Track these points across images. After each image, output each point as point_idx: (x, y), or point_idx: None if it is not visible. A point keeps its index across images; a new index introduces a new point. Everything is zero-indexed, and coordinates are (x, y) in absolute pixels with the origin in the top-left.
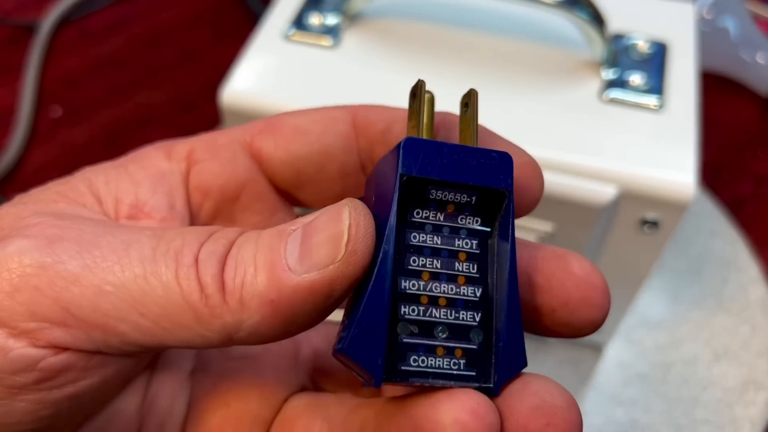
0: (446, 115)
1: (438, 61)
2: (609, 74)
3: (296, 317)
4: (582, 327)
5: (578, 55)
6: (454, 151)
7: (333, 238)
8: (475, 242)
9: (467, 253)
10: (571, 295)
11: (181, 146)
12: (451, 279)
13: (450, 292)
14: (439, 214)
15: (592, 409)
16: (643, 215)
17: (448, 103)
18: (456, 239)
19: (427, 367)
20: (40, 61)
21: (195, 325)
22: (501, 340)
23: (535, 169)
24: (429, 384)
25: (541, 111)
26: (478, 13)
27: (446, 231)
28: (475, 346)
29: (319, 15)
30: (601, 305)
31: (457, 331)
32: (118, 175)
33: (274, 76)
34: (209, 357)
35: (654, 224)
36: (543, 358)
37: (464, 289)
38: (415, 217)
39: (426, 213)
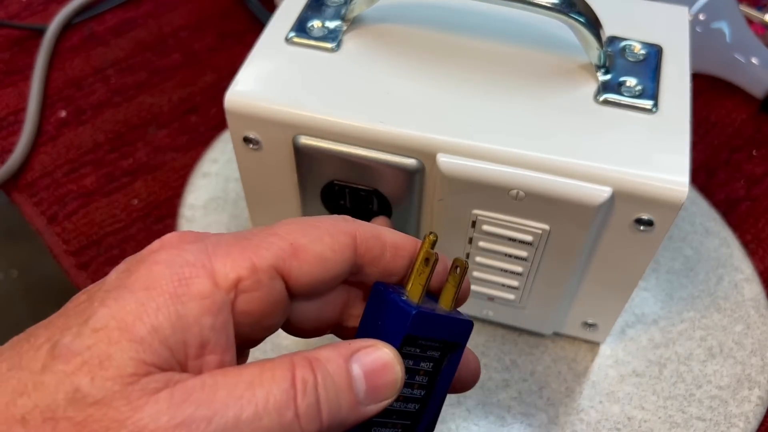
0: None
1: (436, 64)
2: (604, 77)
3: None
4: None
5: (574, 58)
6: (440, 319)
7: (392, 386)
8: (431, 365)
9: (425, 370)
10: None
11: (226, 270)
12: (408, 386)
13: (405, 392)
14: (416, 349)
15: (588, 405)
16: (638, 215)
17: (445, 101)
18: (421, 362)
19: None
20: (47, 63)
21: None
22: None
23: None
24: None
25: (537, 113)
26: (476, 17)
27: (415, 358)
28: (408, 422)
29: (320, 19)
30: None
31: (403, 415)
32: (178, 317)
33: (276, 79)
34: None
35: (648, 224)
36: (540, 355)
37: (415, 392)
38: (406, 349)
39: (410, 349)
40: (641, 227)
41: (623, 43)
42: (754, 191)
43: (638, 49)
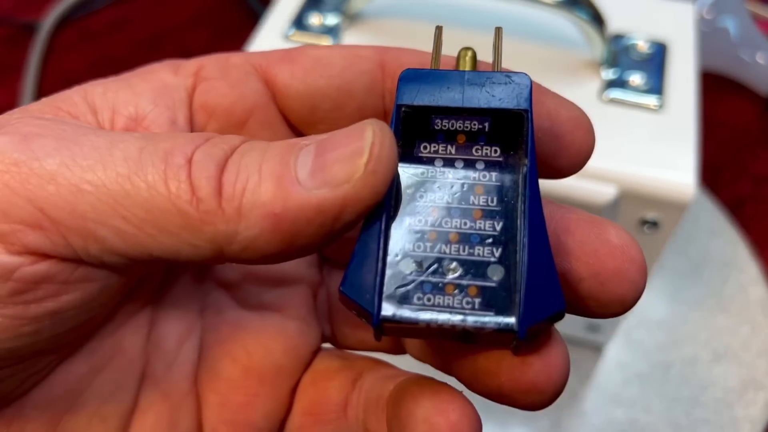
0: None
1: None
2: (609, 74)
3: (297, 237)
4: (610, 303)
5: (578, 55)
6: (460, 77)
7: (352, 155)
8: (494, 173)
9: (484, 185)
10: (604, 265)
11: (191, 63)
12: (465, 213)
13: (463, 227)
14: (449, 146)
15: (592, 408)
16: (643, 215)
17: None
18: (471, 171)
19: (433, 305)
20: (41, 61)
21: (183, 231)
22: (525, 275)
23: (584, 123)
24: (435, 324)
25: None
26: (478, 13)
27: (459, 164)
28: (493, 284)
29: (319, 15)
30: (636, 282)
31: (472, 268)
32: (118, 87)
33: None
34: (221, 303)
35: (654, 224)
36: None
37: (480, 223)
38: (422, 152)
39: (434, 146)
40: (646, 228)
41: (628, 41)
42: (759, 191)
43: (643, 47)
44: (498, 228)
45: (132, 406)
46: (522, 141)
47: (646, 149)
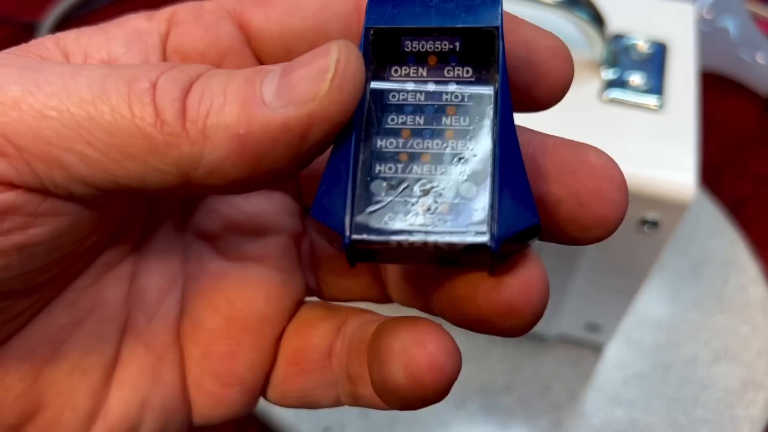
0: None
1: None
2: (609, 74)
3: (264, 159)
4: (590, 225)
5: (578, 55)
6: None
7: (317, 73)
8: (466, 94)
9: (456, 106)
10: (583, 185)
11: (165, 10)
12: (437, 134)
13: (435, 147)
14: (420, 69)
15: (592, 409)
16: (643, 215)
17: None
18: (443, 93)
19: (405, 225)
20: None
21: (147, 156)
22: (497, 190)
23: (563, 51)
24: (407, 243)
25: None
26: None
27: (431, 86)
28: (466, 202)
29: None
30: (616, 201)
31: (444, 187)
32: (91, 33)
33: None
34: (202, 254)
35: (654, 224)
36: (543, 358)
37: (453, 143)
38: (393, 76)
39: (405, 69)
40: (646, 228)
41: (628, 41)
42: (759, 190)
43: (643, 47)
44: (470, 147)
45: (114, 359)
46: (494, 60)
47: (646, 149)
